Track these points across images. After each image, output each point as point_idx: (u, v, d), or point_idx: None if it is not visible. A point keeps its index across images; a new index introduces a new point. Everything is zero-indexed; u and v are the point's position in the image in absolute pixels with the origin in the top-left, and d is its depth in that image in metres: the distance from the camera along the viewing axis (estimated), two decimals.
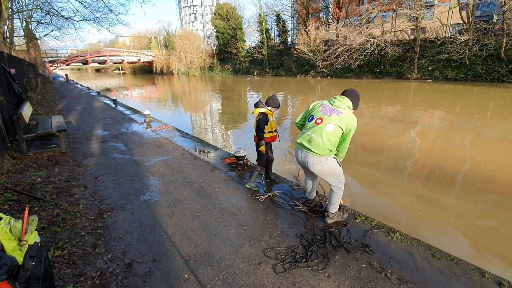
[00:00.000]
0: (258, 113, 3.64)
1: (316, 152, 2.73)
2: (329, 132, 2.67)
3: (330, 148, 2.72)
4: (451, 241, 3.54)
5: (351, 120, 2.68)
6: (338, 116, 2.67)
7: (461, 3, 22.37)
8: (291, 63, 35.84)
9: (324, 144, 2.69)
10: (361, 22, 28.18)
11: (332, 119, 2.68)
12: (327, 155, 2.76)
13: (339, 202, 3.02)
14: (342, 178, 2.91)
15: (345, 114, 2.68)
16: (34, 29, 22.73)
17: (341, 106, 2.73)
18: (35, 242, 1.99)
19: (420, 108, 13.13)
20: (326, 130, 2.68)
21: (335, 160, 2.84)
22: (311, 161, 2.80)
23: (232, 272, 2.34)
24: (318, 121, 2.76)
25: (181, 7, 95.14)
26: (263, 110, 3.63)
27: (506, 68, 19.93)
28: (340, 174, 2.88)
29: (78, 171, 4.67)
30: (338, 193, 2.95)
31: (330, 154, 2.77)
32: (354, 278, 2.26)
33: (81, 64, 49.43)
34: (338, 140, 2.75)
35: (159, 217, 3.22)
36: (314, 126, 2.77)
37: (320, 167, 2.79)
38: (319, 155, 2.74)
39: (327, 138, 2.68)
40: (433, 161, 6.35)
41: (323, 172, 2.83)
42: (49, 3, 15.95)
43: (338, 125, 2.66)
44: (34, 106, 10.28)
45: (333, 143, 2.71)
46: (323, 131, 2.69)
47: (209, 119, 12.48)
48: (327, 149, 2.71)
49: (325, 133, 2.68)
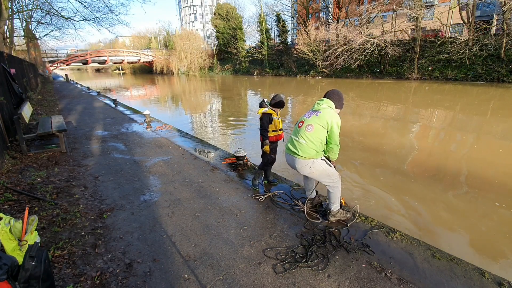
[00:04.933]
0: (261, 113, 3.69)
1: (301, 155, 2.82)
2: (309, 133, 2.77)
3: (315, 149, 2.79)
4: (451, 241, 3.54)
5: (330, 116, 2.74)
6: (317, 115, 2.78)
7: (461, 3, 22.37)
8: (291, 63, 35.85)
9: (308, 146, 2.77)
10: (361, 22, 28.19)
11: (311, 120, 2.80)
12: (313, 157, 2.82)
13: (339, 199, 3.05)
14: (336, 177, 2.95)
15: (323, 112, 2.77)
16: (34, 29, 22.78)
17: (320, 108, 2.84)
18: (35, 242, 1.99)
19: (420, 108, 13.13)
20: (307, 132, 2.79)
21: (323, 161, 2.89)
22: (298, 164, 2.89)
23: (232, 272, 2.34)
24: (300, 124, 2.91)
25: (181, 7, 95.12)
26: (266, 110, 3.66)
27: (506, 68, 19.93)
28: (332, 174, 2.92)
29: (78, 171, 4.67)
30: (335, 192, 2.99)
31: (316, 156, 2.83)
32: (354, 278, 2.26)
33: (81, 64, 49.42)
34: (323, 140, 2.81)
35: (159, 217, 3.22)
36: (297, 129, 2.92)
37: (309, 170, 2.87)
38: (305, 158, 2.82)
39: (309, 139, 2.77)
40: (433, 161, 6.35)
41: (312, 174, 2.90)
42: (49, 3, 15.96)
43: (319, 124, 2.75)
44: (34, 106, 10.28)
45: (316, 144, 2.78)
46: (304, 133, 2.80)
47: (209, 119, 12.48)
48: (312, 150, 2.79)
49: (306, 135, 2.79)
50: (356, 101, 15.75)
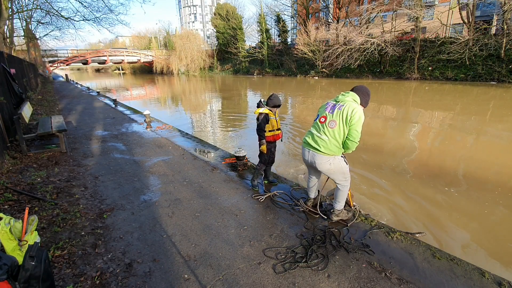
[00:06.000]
0: (258, 113, 3.70)
1: (323, 151, 2.74)
2: (332, 130, 2.68)
3: (337, 145, 2.72)
4: (451, 241, 3.54)
5: (352, 109, 2.61)
6: (340, 110, 2.66)
7: (461, 3, 22.37)
8: (291, 63, 35.84)
9: (331, 142, 2.70)
10: (361, 22, 28.19)
11: (334, 115, 2.68)
12: (335, 154, 2.76)
13: (345, 199, 3.04)
14: (348, 176, 2.93)
15: (346, 106, 2.66)
16: (34, 29, 22.77)
17: (344, 100, 2.72)
18: (35, 242, 1.99)
19: (420, 108, 13.13)
20: (329, 128, 2.69)
21: (342, 158, 2.86)
22: (319, 160, 2.80)
23: (232, 272, 2.34)
24: (322, 119, 2.78)
25: (181, 7, 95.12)
26: (262, 110, 3.67)
27: (506, 68, 19.93)
28: (346, 173, 2.90)
29: (78, 171, 4.67)
30: (344, 190, 2.97)
31: (338, 152, 2.76)
32: (354, 278, 2.26)
33: (81, 64, 49.43)
34: (345, 135, 2.71)
35: (159, 217, 3.22)
36: (319, 125, 2.80)
37: (328, 166, 2.80)
38: (327, 154, 2.75)
39: (332, 136, 2.69)
40: (433, 161, 6.35)
41: (330, 171, 2.84)
42: (49, 3, 15.97)
43: (341, 119, 2.65)
44: (34, 106, 10.27)
45: (339, 140, 2.70)
46: (327, 129, 2.70)
47: (209, 119, 12.47)
48: (334, 147, 2.72)
49: (329, 131, 2.69)
50: None
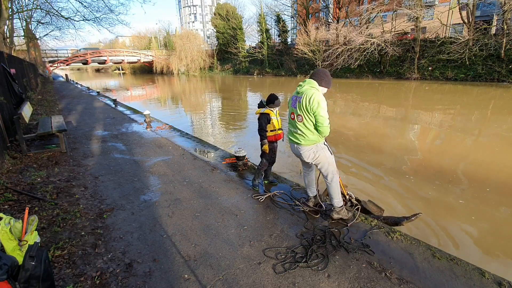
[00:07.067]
0: (259, 113, 3.71)
1: (303, 143, 2.91)
2: (302, 123, 2.85)
3: (312, 134, 2.87)
4: (451, 241, 3.54)
5: (311, 97, 2.73)
6: (300, 102, 2.81)
7: (461, 3, 22.36)
8: (291, 63, 35.83)
9: (306, 134, 2.86)
10: (361, 22, 28.18)
11: (298, 109, 2.86)
12: (315, 141, 2.90)
13: (339, 193, 3.08)
14: (334, 168, 3.00)
15: (304, 96, 2.78)
16: (34, 29, 22.75)
17: (302, 90, 2.86)
18: (35, 242, 1.99)
19: (420, 108, 13.13)
20: (298, 122, 2.87)
21: (326, 147, 2.98)
22: (302, 151, 2.97)
23: (232, 272, 2.34)
24: (292, 116, 2.98)
25: (181, 7, 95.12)
26: (263, 110, 3.68)
27: (506, 68, 19.93)
28: (332, 163, 2.98)
29: (78, 171, 4.67)
30: (334, 185, 3.02)
31: (318, 139, 2.90)
32: (354, 278, 2.26)
33: (81, 64, 49.40)
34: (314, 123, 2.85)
35: (159, 217, 3.22)
36: (291, 121, 3.01)
37: (313, 155, 2.94)
38: (308, 144, 2.91)
39: (304, 128, 2.85)
40: (433, 161, 6.35)
41: (317, 160, 2.96)
42: (49, 3, 15.96)
43: (304, 111, 2.80)
44: (34, 106, 10.28)
45: (312, 130, 2.85)
46: (298, 124, 2.89)
47: (209, 119, 12.48)
48: (311, 136, 2.87)
49: (300, 125, 2.87)
50: (356, 102, 15.75)
